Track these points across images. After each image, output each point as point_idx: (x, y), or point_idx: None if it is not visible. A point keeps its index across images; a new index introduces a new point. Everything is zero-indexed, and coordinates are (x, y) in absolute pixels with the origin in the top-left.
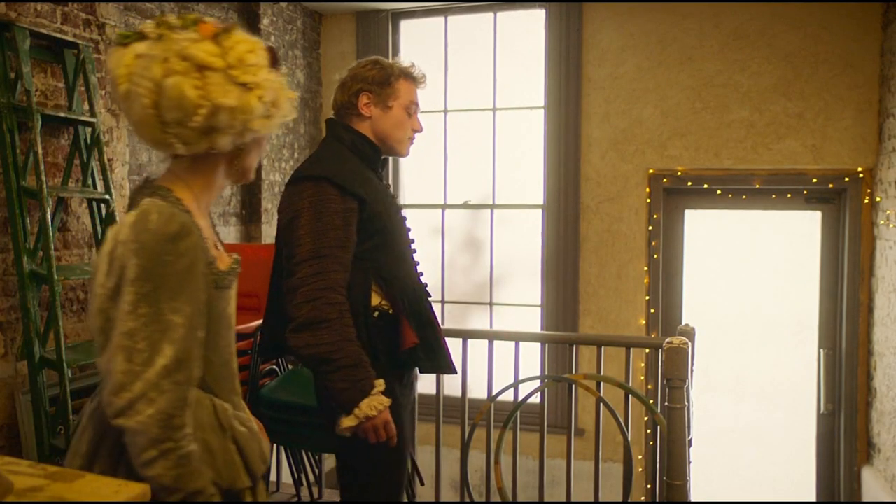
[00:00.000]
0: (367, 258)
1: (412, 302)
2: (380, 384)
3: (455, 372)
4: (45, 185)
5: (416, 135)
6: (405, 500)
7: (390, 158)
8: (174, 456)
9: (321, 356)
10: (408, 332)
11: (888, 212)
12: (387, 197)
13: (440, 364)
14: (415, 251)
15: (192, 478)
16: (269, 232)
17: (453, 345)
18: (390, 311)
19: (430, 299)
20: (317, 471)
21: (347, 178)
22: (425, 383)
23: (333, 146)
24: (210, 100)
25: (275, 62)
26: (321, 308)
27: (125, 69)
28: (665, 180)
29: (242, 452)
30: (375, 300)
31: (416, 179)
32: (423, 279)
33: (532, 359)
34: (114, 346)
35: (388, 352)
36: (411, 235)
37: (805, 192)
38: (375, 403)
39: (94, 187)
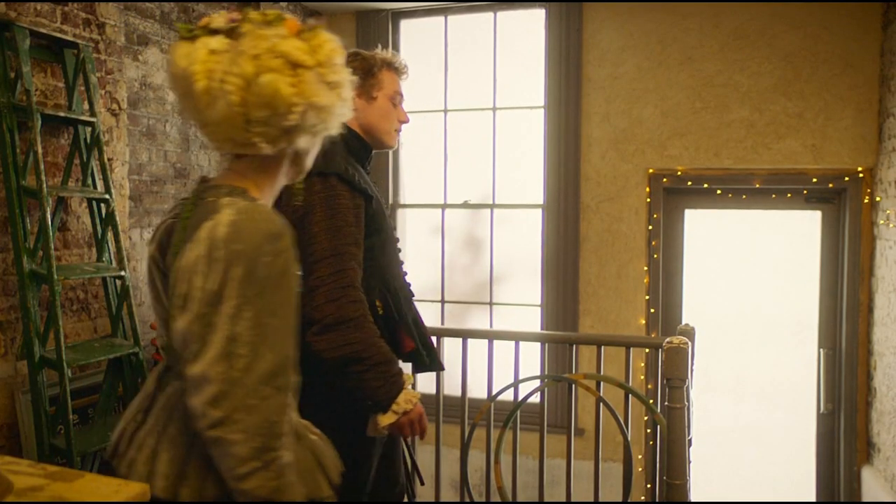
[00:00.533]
0: (366, 258)
1: (404, 303)
2: (409, 377)
3: (443, 368)
4: (44, 185)
5: (418, 133)
6: (404, 499)
7: (389, 157)
8: (275, 466)
9: (351, 356)
10: (405, 336)
11: (888, 212)
12: (379, 195)
13: (433, 363)
14: (400, 250)
15: (288, 490)
16: None
17: (453, 344)
18: (381, 312)
19: (413, 299)
20: None
21: (353, 175)
22: (425, 383)
23: (326, 142)
24: (305, 98)
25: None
26: (345, 307)
27: (201, 65)
28: (665, 180)
29: (320, 461)
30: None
31: (416, 179)
32: (407, 279)
33: (532, 358)
34: (214, 352)
35: None
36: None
37: (805, 191)
38: (410, 397)
39: (94, 187)
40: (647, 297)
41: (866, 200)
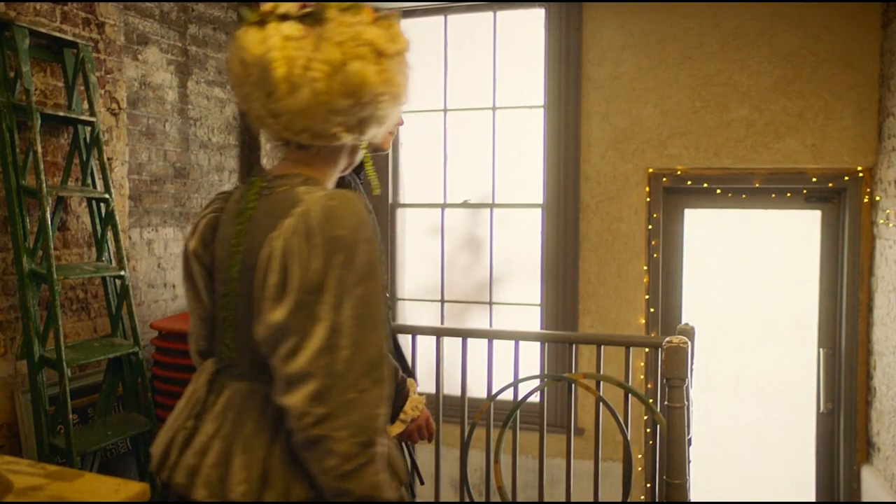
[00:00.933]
0: None
1: (388, 320)
2: (412, 384)
3: (417, 385)
4: (44, 185)
5: (418, 133)
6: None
7: (389, 157)
8: (378, 461)
9: None
10: None
11: (888, 211)
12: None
13: (411, 375)
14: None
15: (387, 487)
16: None
17: (453, 344)
18: None
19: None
20: None
21: (355, 188)
22: (425, 383)
23: None
24: (390, 87)
25: None
26: None
27: (280, 51)
28: (665, 180)
29: (391, 462)
30: None
31: (415, 179)
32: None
33: (532, 358)
34: (317, 344)
35: None
36: None
37: (805, 191)
38: (416, 403)
39: (94, 186)
40: (647, 297)
41: (866, 200)
